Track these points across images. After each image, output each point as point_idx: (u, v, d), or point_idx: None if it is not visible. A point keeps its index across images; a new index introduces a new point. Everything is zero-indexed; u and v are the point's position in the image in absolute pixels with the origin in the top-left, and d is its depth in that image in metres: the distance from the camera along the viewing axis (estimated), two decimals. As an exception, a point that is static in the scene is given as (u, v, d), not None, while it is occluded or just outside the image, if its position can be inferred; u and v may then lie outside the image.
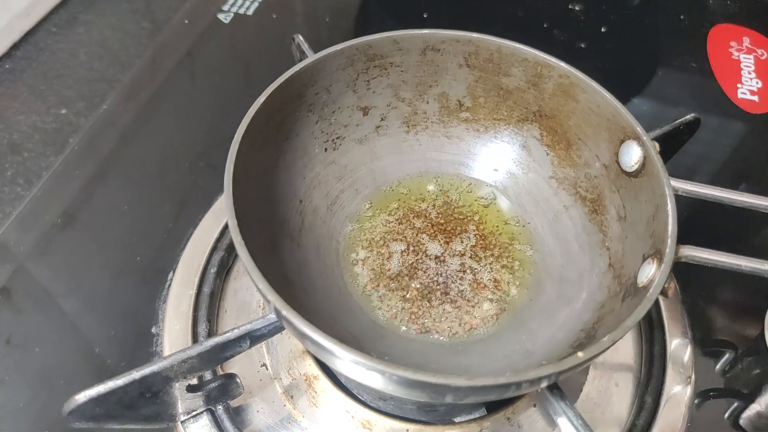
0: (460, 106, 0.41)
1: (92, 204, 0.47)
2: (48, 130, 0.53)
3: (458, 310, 0.35)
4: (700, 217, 0.46)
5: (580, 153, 0.38)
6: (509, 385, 0.25)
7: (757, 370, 0.40)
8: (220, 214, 0.45)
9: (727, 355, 0.41)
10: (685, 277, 0.43)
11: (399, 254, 0.37)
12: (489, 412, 0.36)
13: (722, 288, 0.44)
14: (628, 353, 0.40)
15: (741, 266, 0.31)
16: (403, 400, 0.34)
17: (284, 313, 0.25)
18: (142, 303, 0.41)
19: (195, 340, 0.39)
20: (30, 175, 0.50)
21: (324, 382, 0.36)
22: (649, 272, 0.30)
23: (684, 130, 0.41)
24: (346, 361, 0.25)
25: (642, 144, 0.33)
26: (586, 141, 0.37)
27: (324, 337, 0.24)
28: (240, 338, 0.29)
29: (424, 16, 0.65)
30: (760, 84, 0.60)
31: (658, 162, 0.32)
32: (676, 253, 0.29)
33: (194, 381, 0.31)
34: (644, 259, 0.31)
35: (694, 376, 0.39)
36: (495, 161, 0.41)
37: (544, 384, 0.26)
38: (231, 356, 0.30)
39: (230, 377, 0.33)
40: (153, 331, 0.40)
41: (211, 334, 0.39)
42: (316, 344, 0.25)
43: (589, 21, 0.67)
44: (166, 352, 0.38)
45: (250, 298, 0.41)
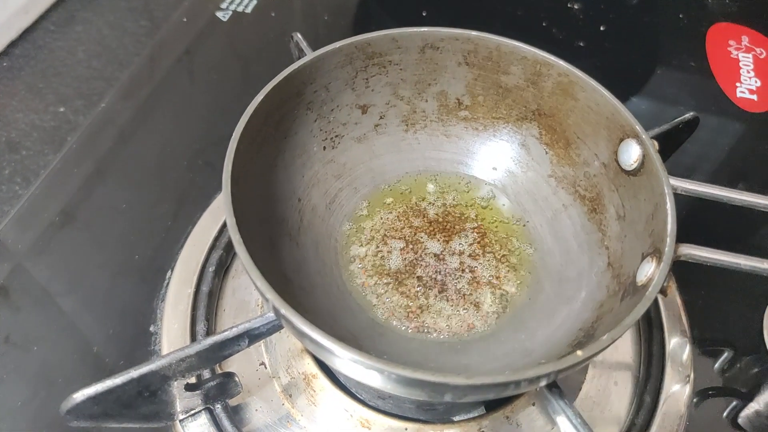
0: (459, 104, 0.41)
1: (90, 202, 0.47)
2: (46, 128, 0.53)
3: (457, 309, 0.35)
4: (699, 215, 0.46)
5: (579, 152, 0.38)
6: (508, 384, 0.24)
7: (756, 369, 0.40)
8: (218, 213, 0.45)
9: (726, 354, 0.41)
10: (683, 276, 0.43)
11: (398, 253, 0.37)
12: (488, 411, 0.36)
13: (721, 287, 0.44)
14: (627, 352, 0.40)
15: (740, 265, 0.31)
16: (402, 399, 0.34)
17: (283, 311, 0.25)
18: (141, 302, 0.41)
19: (193, 339, 0.39)
20: (28, 174, 0.50)
21: (323, 380, 0.36)
22: (648, 271, 0.30)
23: (683, 129, 0.41)
24: (345, 360, 0.25)
25: (641, 142, 0.33)
26: (585, 139, 0.37)
27: (322, 336, 0.24)
28: (238, 337, 0.29)
29: (423, 15, 0.65)
30: (759, 83, 0.60)
31: (657, 160, 0.32)
32: (675, 252, 0.29)
33: (192, 380, 0.31)
34: (643, 258, 0.31)
35: (692, 375, 0.39)
36: (494, 160, 0.41)
37: (543, 383, 0.26)
38: (229, 355, 0.30)
39: (229, 376, 0.33)
40: (151, 329, 0.40)
41: (209, 333, 0.39)
42: (315, 343, 0.25)
43: (588, 20, 0.67)
44: (165, 351, 0.38)
45: (249, 296, 0.41)
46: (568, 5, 0.68)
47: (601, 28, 0.66)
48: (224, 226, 0.43)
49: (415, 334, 0.34)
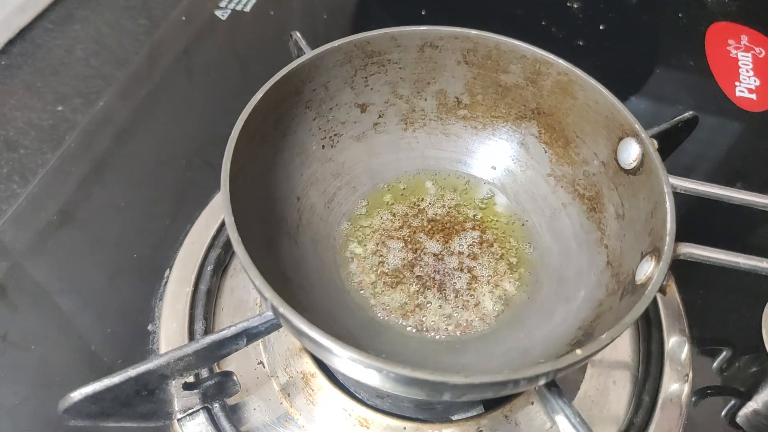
0: (458, 103, 0.41)
1: (89, 201, 0.47)
2: (44, 126, 0.53)
3: (456, 308, 0.35)
4: (698, 215, 0.46)
5: (579, 150, 0.38)
6: (507, 383, 0.24)
7: (754, 368, 0.40)
8: (216, 212, 0.45)
9: (725, 353, 0.41)
10: (682, 275, 0.43)
11: (396, 252, 0.37)
12: (486, 410, 0.36)
13: (720, 286, 0.44)
14: (625, 351, 0.40)
15: (739, 264, 0.31)
16: (401, 398, 0.34)
17: (281, 310, 0.25)
18: (139, 300, 0.41)
19: (191, 338, 0.38)
20: (26, 173, 0.49)
21: (321, 379, 0.36)
22: (648, 270, 0.30)
23: (682, 128, 0.41)
24: (344, 359, 0.24)
25: (640, 141, 0.33)
26: (585, 138, 0.37)
27: (321, 335, 0.24)
28: (236, 336, 0.29)
29: (422, 13, 0.65)
30: (758, 82, 0.60)
31: (657, 159, 0.32)
32: (675, 251, 0.29)
33: (191, 379, 0.31)
34: (642, 257, 0.31)
35: (691, 374, 0.39)
36: (493, 159, 0.41)
37: (542, 382, 0.26)
38: (227, 354, 0.30)
39: (227, 375, 0.33)
40: (149, 328, 0.40)
41: (207, 332, 0.39)
42: (313, 341, 0.25)
43: (588, 19, 0.67)
44: (163, 350, 0.38)
45: (247, 295, 0.41)
46: (568, 4, 0.68)
47: (601, 27, 0.66)
48: (223, 225, 0.43)
49: (414, 333, 0.34)
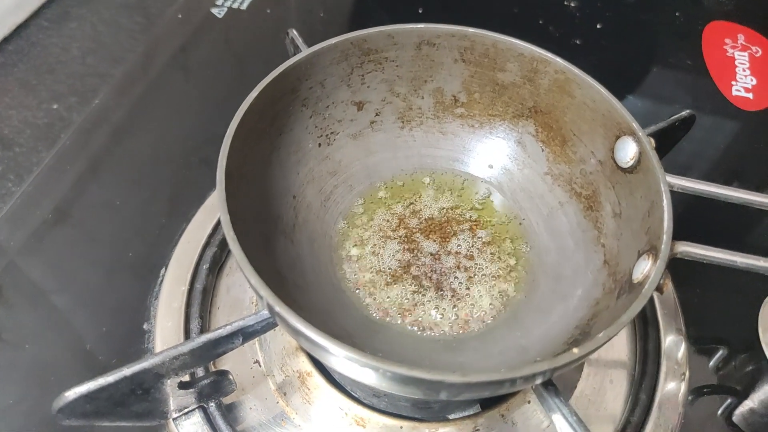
0: (455, 101, 0.41)
1: (84, 200, 0.47)
2: (39, 125, 0.53)
3: (452, 307, 0.35)
4: (694, 213, 0.46)
5: (576, 149, 0.37)
6: (504, 382, 0.24)
7: (751, 367, 0.40)
8: (212, 210, 0.45)
9: (721, 352, 0.41)
10: (679, 274, 0.43)
11: (393, 250, 0.37)
12: (483, 409, 0.36)
13: (716, 285, 0.44)
14: (622, 350, 0.40)
15: (736, 262, 0.31)
16: (397, 397, 0.34)
17: (277, 309, 0.25)
18: (134, 299, 0.41)
19: (187, 337, 0.38)
20: (21, 171, 0.49)
21: (317, 378, 0.36)
22: (645, 268, 0.30)
23: (679, 127, 0.41)
24: (340, 358, 0.24)
25: (638, 140, 0.33)
26: (582, 137, 0.37)
27: (317, 334, 0.24)
28: (232, 335, 0.29)
29: (420, 12, 0.65)
30: (755, 81, 0.61)
31: (654, 158, 0.32)
32: (672, 250, 0.29)
33: (186, 378, 0.31)
34: (639, 256, 0.31)
35: (688, 373, 0.39)
36: (490, 157, 0.41)
37: (539, 380, 0.26)
38: (223, 353, 0.30)
39: (223, 374, 0.33)
40: (145, 327, 0.39)
41: (203, 331, 0.39)
42: (310, 340, 0.25)
43: (585, 18, 0.67)
44: (158, 349, 0.38)
45: (243, 294, 0.41)
46: (565, 3, 0.68)
47: (598, 26, 0.66)
48: (218, 223, 0.43)
49: (411, 331, 0.34)
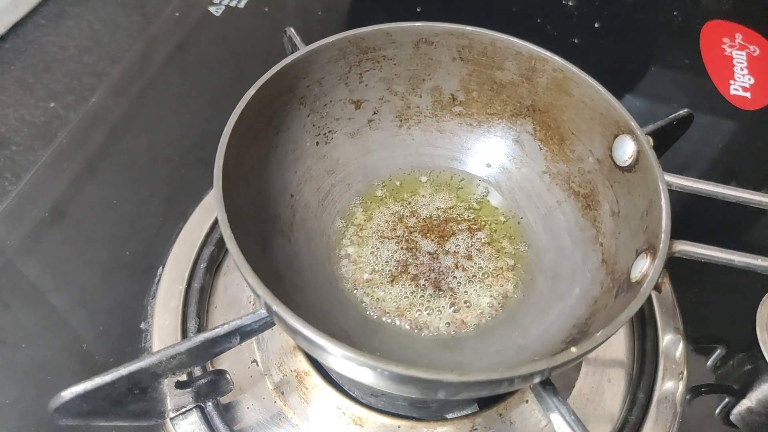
0: (453, 100, 0.41)
1: (81, 199, 0.46)
2: (36, 123, 0.53)
3: (450, 306, 0.35)
4: (693, 212, 0.46)
5: (574, 148, 0.37)
6: (502, 381, 0.24)
7: (749, 366, 0.41)
8: (210, 209, 0.45)
9: (719, 351, 0.41)
10: (677, 273, 0.43)
11: (391, 250, 0.37)
12: (481, 409, 0.36)
13: (714, 284, 0.44)
14: (620, 349, 0.40)
15: (734, 261, 0.31)
16: (395, 397, 0.34)
17: (274, 308, 0.25)
18: (131, 298, 0.41)
19: (184, 336, 0.38)
20: (18, 170, 0.49)
21: (315, 378, 0.36)
22: (643, 267, 0.30)
23: (677, 126, 0.41)
24: (338, 357, 0.24)
25: (636, 138, 0.33)
26: (580, 136, 0.37)
27: (315, 333, 0.24)
28: (230, 334, 0.29)
29: (418, 11, 0.65)
30: (753, 80, 0.61)
31: (652, 156, 0.31)
32: (670, 248, 0.29)
33: (183, 377, 0.31)
34: (637, 255, 0.31)
35: (686, 372, 0.39)
36: (488, 156, 0.41)
37: (537, 380, 0.26)
38: (221, 352, 0.30)
39: (220, 373, 0.33)
40: (142, 326, 0.39)
41: (200, 330, 0.38)
42: (307, 340, 0.25)
43: (583, 17, 0.67)
44: (155, 348, 0.38)
45: (241, 293, 0.41)
46: (563, 2, 0.68)
47: (596, 25, 0.66)
48: (216, 222, 0.43)
49: (408, 331, 0.34)
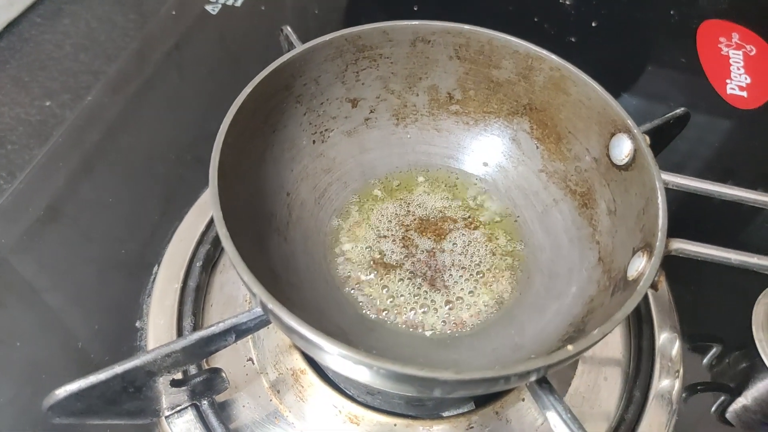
0: (450, 98, 0.41)
1: (77, 197, 0.46)
2: (32, 122, 0.52)
3: (446, 304, 0.35)
4: (689, 211, 0.46)
5: (571, 146, 0.37)
6: (498, 379, 0.24)
7: (744, 364, 0.41)
8: (206, 208, 0.45)
9: (715, 350, 0.42)
10: (673, 271, 0.42)
11: (387, 248, 0.37)
12: (477, 407, 0.36)
13: (711, 282, 0.44)
14: (616, 347, 0.40)
15: (730, 259, 0.31)
16: (391, 395, 0.34)
17: (270, 306, 0.25)
18: (127, 297, 0.41)
19: (180, 335, 0.38)
20: (13, 168, 0.49)
21: (311, 376, 0.36)
22: (639, 266, 0.30)
23: (674, 124, 0.41)
24: (334, 355, 0.24)
25: (633, 137, 0.33)
26: (577, 134, 0.37)
27: (311, 331, 0.24)
28: (225, 332, 0.29)
29: (415, 9, 0.64)
30: (749, 80, 0.61)
31: (649, 155, 0.31)
32: (666, 247, 0.29)
33: (179, 375, 0.31)
34: (634, 253, 0.31)
35: (682, 370, 0.39)
36: (485, 155, 0.41)
37: (533, 378, 0.26)
38: (216, 350, 0.30)
39: (216, 372, 0.33)
40: (137, 325, 0.39)
41: (196, 329, 0.38)
42: (303, 338, 0.24)
43: (580, 16, 0.67)
44: (151, 347, 0.37)
45: (237, 292, 0.41)
46: (560, 1, 0.68)
47: (593, 24, 0.66)
48: (212, 221, 0.43)
49: (405, 329, 0.34)
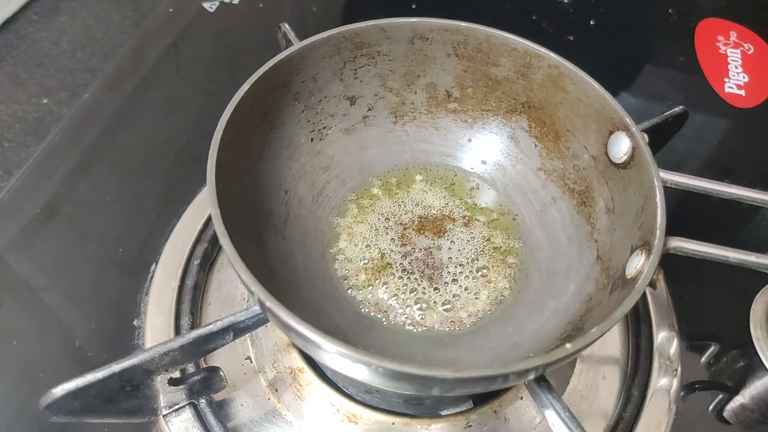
0: (449, 96, 0.41)
1: (74, 195, 0.46)
2: (29, 119, 0.52)
3: (445, 303, 0.35)
4: (687, 209, 0.46)
5: (569, 144, 0.37)
6: (496, 377, 0.24)
7: (742, 363, 0.41)
8: (203, 206, 0.44)
9: (713, 348, 0.42)
10: (671, 270, 0.42)
11: (386, 246, 0.37)
12: (476, 405, 0.36)
13: (709, 280, 0.44)
14: (615, 346, 0.40)
15: (728, 258, 0.31)
16: (389, 393, 0.34)
17: (268, 304, 0.25)
18: (125, 295, 0.40)
19: (177, 333, 0.38)
20: (10, 166, 0.49)
21: (309, 375, 0.36)
22: (638, 264, 0.30)
23: (672, 123, 0.41)
24: (332, 354, 0.24)
25: (631, 135, 0.33)
26: (575, 132, 0.37)
27: (309, 329, 0.24)
28: (223, 330, 0.29)
29: (413, 7, 0.64)
30: (747, 78, 0.61)
31: (647, 153, 0.31)
32: (665, 245, 0.29)
33: (176, 374, 0.31)
34: (632, 251, 0.31)
35: (680, 369, 0.39)
36: (483, 153, 0.41)
37: (532, 376, 0.26)
38: (214, 349, 0.30)
39: (213, 370, 0.33)
40: (135, 323, 0.39)
41: (194, 327, 0.38)
42: (301, 336, 0.24)
43: (578, 14, 0.67)
44: (148, 345, 0.37)
45: (234, 290, 0.41)
46: (558, -1, 0.68)
47: (591, 23, 0.66)
48: (209, 219, 0.43)
49: (403, 327, 0.34)
